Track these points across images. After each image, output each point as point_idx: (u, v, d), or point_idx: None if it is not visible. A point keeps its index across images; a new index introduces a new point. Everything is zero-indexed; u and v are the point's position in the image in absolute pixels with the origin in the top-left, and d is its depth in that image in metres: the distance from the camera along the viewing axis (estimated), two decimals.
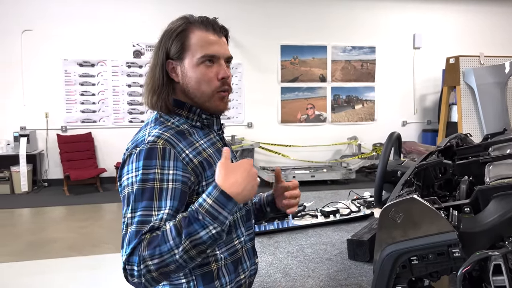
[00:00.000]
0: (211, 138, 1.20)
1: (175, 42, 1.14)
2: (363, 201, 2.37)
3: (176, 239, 0.92)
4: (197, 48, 1.13)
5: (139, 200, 1.01)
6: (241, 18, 7.59)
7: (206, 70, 1.14)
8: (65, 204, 6.24)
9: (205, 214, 0.93)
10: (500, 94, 5.32)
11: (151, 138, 1.07)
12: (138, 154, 1.05)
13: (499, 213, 0.92)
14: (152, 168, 1.03)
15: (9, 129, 7.00)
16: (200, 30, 1.15)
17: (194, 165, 1.08)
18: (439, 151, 1.58)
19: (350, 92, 8.35)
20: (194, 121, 1.18)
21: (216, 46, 1.15)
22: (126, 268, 0.96)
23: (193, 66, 1.14)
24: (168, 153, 1.05)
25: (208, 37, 1.15)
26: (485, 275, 0.87)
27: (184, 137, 1.11)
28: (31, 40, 7.08)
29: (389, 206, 0.97)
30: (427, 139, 8.31)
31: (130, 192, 1.02)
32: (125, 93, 7.50)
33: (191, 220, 0.93)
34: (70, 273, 3.80)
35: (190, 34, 1.14)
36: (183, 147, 1.09)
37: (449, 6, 8.50)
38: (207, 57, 1.13)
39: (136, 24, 7.35)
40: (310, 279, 1.52)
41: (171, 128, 1.12)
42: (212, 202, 0.94)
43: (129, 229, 0.98)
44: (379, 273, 0.94)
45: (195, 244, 0.93)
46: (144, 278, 0.94)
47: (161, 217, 0.99)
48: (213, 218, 0.93)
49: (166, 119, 1.15)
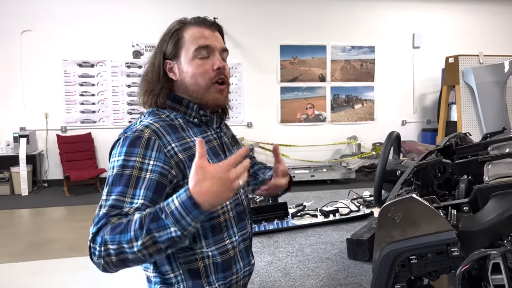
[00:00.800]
0: (207, 136, 1.20)
1: (170, 41, 1.18)
2: (363, 200, 2.37)
3: (137, 232, 0.92)
4: (190, 42, 1.16)
5: (115, 184, 1.02)
6: (240, 18, 7.59)
7: (201, 62, 1.16)
8: (65, 204, 6.24)
9: (169, 215, 0.91)
10: (499, 93, 5.32)
11: (140, 127, 1.10)
12: (124, 139, 1.08)
13: (498, 212, 0.92)
14: (133, 155, 1.05)
15: (9, 129, 7.00)
16: (193, 26, 1.18)
17: (179, 159, 1.08)
18: (438, 150, 1.58)
19: (349, 91, 8.35)
20: (191, 117, 1.19)
21: (210, 38, 1.17)
22: (90, 246, 0.97)
23: (188, 61, 1.16)
24: (153, 143, 1.07)
25: (201, 30, 1.17)
26: (484, 274, 0.87)
27: (175, 131, 1.13)
28: (31, 40, 7.08)
29: (388, 205, 0.97)
30: (426, 138, 8.31)
31: (110, 175, 1.05)
32: (125, 94, 7.50)
33: (155, 217, 0.92)
34: (70, 273, 3.81)
35: (183, 32, 1.18)
36: (170, 140, 1.10)
37: (448, 5, 8.50)
38: (201, 49, 1.15)
39: (135, 24, 7.36)
40: (309, 278, 1.52)
41: (163, 120, 1.14)
42: (178, 205, 0.91)
43: (101, 210, 1.00)
44: (378, 272, 0.94)
45: (154, 241, 0.92)
46: (104, 260, 0.94)
47: (134, 206, 1.00)
48: (175, 221, 0.91)
49: (162, 112, 1.18)
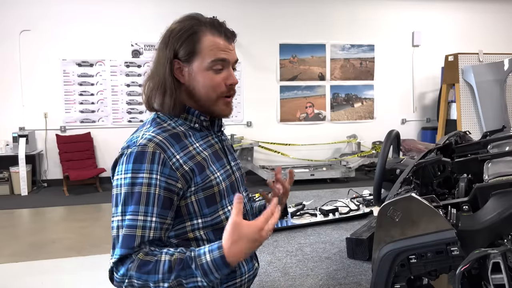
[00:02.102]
0: (208, 140, 1.19)
1: (186, 43, 1.12)
2: (362, 199, 2.37)
3: (166, 275, 0.96)
4: (207, 52, 1.12)
5: (127, 204, 1.04)
6: (239, 17, 7.57)
7: (215, 76, 1.13)
8: (65, 204, 6.24)
9: (199, 267, 0.96)
10: (499, 91, 5.31)
11: (143, 140, 1.07)
12: (128, 156, 1.07)
13: (498, 211, 0.91)
14: (140, 172, 1.04)
15: (8, 129, 6.99)
16: (212, 35, 1.14)
17: (184, 170, 1.08)
18: (438, 149, 1.58)
19: (349, 90, 8.34)
20: (192, 123, 1.17)
21: (227, 51, 1.15)
22: (113, 271, 1.02)
23: (202, 70, 1.13)
24: (158, 157, 1.05)
25: (220, 42, 1.14)
26: (484, 273, 0.86)
27: (178, 140, 1.11)
28: (30, 40, 7.07)
29: (388, 204, 0.97)
30: (426, 137, 8.31)
31: (119, 194, 1.06)
32: (124, 93, 7.49)
33: (185, 265, 0.96)
34: (70, 273, 3.80)
35: (202, 38, 1.13)
36: (174, 152, 1.08)
37: (448, 3, 8.49)
38: (217, 62, 1.13)
39: (134, 23, 7.35)
40: (309, 278, 1.52)
41: (166, 130, 1.12)
42: (210, 261, 0.95)
43: (120, 232, 1.04)
44: (378, 272, 0.94)
45: (180, 284, 0.97)
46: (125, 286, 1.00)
47: (150, 226, 1.03)
48: (203, 274, 0.95)
49: (163, 120, 1.15)
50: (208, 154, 1.15)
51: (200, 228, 1.12)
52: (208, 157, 1.14)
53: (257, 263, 1.28)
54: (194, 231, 1.12)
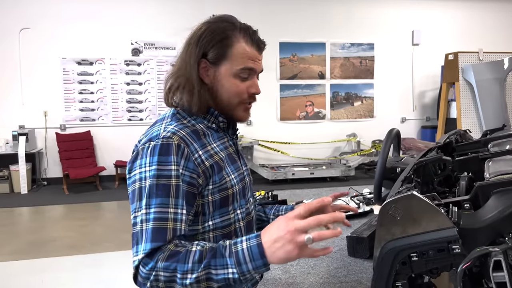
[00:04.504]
0: (224, 142, 1.19)
1: (217, 46, 1.11)
2: (363, 198, 2.36)
3: (195, 265, 0.90)
4: (237, 59, 1.12)
5: (153, 196, 0.99)
6: (239, 15, 7.46)
7: (240, 83, 1.14)
8: (65, 202, 6.24)
9: (233, 254, 0.90)
10: (499, 90, 5.32)
11: (167, 133, 1.05)
12: (153, 148, 1.03)
13: (499, 209, 0.92)
14: (168, 164, 1.01)
15: (8, 128, 7.00)
16: (245, 43, 1.14)
17: (206, 167, 1.07)
18: (438, 147, 1.58)
19: (349, 89, 8.34)
20: (210, 122, 1.17)
21: (256, 62, 1.15)
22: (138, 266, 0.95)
23: (229, 75, 1.13)
24: (182, 151, 1.03)
25: (252, 52, 1.14)
26: (485, 271, 0.86)
27: (198, 137, 1.10)
28: (29, 38, 7.07)
29: (389, 202, 0.97)
30: (426, 135, 8.31)
31: (143, 187, 1.01)
32: (124, 91, 7.49)
33: (217, 253, 0.91)
34: (71, 271, 3.80)
35: (234, 43, 1.12)
36: (197, 147, 1.07)
37: (448, 2, 8.49)
38: (245, 70, 1.14)
39: (134, 22, 7.33)
40: (310, 276, 1.52)
41: (187, 127, 1.11)
42: (246, 248, 0.89)
43: (144, 226, 0.97)
44: (379, 270, 0.94)
45: (208, 277, 0.90)
46: (150, 284, 0.94)
47: (181, 218, 0.99)
48: (237, 263, 0.89)
49: (183, 117, 1.14)
50: (224, 155, 1.15)
51: (211, 230, 1.10)
52: (224, 158, 1.14)
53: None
54: (204, 234, 1.10)
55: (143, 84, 7.52)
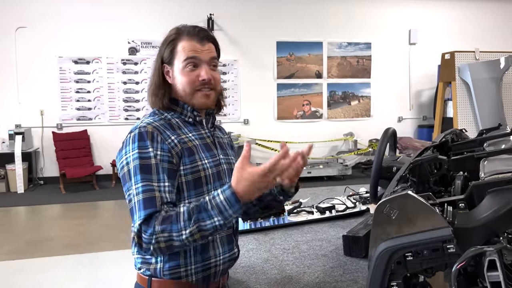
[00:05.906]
0: (201, 133, 1.33)
1: (167, 49, 1.31)
2: (359, 197, 2.37)
3: (186, 222, 1.07)
4: (181, 53, 1.29)
5: (139, 174, 1.16)
6: (236, 14, 7.56)
7: (190, 73, 1.28)
8: (62, 202, 6.23)
9: (215, 207, 1.07)
10: (495, 89, 5.33)
11: (142, 124, 1.24)
12: (133, 137, 1.21)
13: (494, 209, 0.92)
14: (146, 148, 1.19)
15: (4, 127, 6.97)
16: (186, 39, 1.30)
17: (179, 149, 1.23)
18: (434, 146, 1.58)
19: (346, 88, 8.35)
20: (187, 117, 1.32)
21: (199, 51, 1.29)
22: (139, 234, 1.10)
23: (179, 70, 1.29)
24: (156, 136, 1.21)
25: (192, 44, 1.29)
26: (480, 271, 0.87)
27: (172, 128, 1.27)
28: (26, 37, 7.05)
29: (384, 202, 0.97)
30: (422, 134, 8.33)
31: (130, 169, 1.18)
32: (121, 90, 7.48)
33: (201, 208, 1.08)
34: (68, 271, 3.80)
35: (178, 43, 1.30)
36: (169, 134, 1.24)
37: (444, 1, 8.51)
38: (189, 60, 1.28)
39: (131, 21, 7.31)
40: (306, 275, 1.52)
41: (162, 119, 1.29)
42: (224, 199, 1.07)
43: (136, 198, 1.14)
44: (374, 269, 0.94)
45: (200, 229, 1.07)
46: (153, 247, 1.08)
47: (165, 189, 1.15)
48: (219, 212, 1.07)
49: (161, 113, 1.32)
50: (198, 143, 1.29)
51: None
52: (198, 146, 1.28)
53: (237, 249, 1.35)
54: None
55: (140, 83, 7.50)
